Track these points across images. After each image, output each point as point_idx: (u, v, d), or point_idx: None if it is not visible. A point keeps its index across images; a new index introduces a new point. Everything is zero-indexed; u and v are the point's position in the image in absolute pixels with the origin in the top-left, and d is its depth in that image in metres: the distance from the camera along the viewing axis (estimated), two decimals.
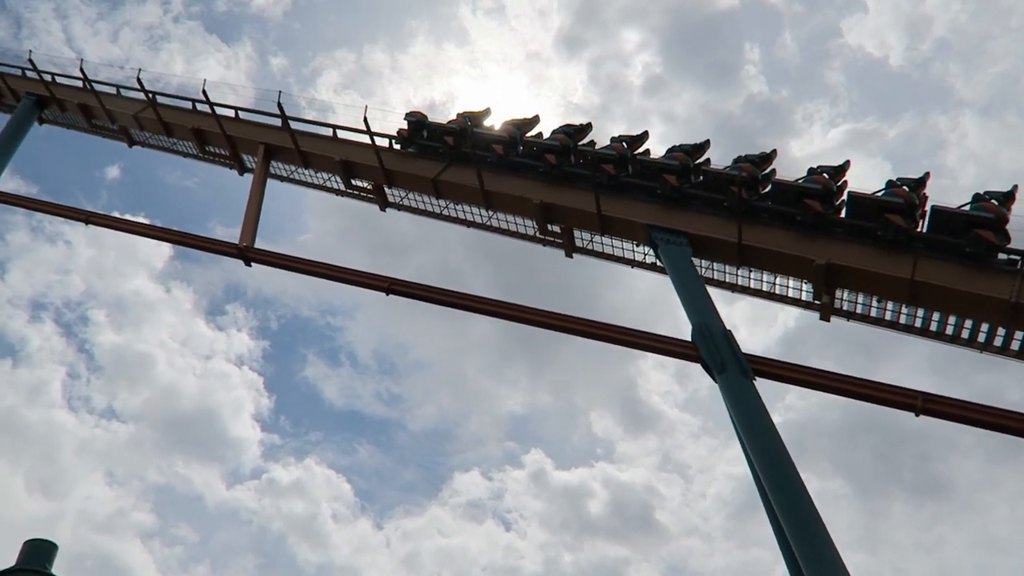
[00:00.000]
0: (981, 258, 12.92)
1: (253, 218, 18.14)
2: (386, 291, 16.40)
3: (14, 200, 20.74)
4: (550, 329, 15.24)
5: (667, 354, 14.15)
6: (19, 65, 22.49)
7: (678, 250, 14.61)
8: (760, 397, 12.45)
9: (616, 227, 15.89)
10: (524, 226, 17.44)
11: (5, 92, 22.99)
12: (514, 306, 15.39)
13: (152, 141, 22.10)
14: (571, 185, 16.69)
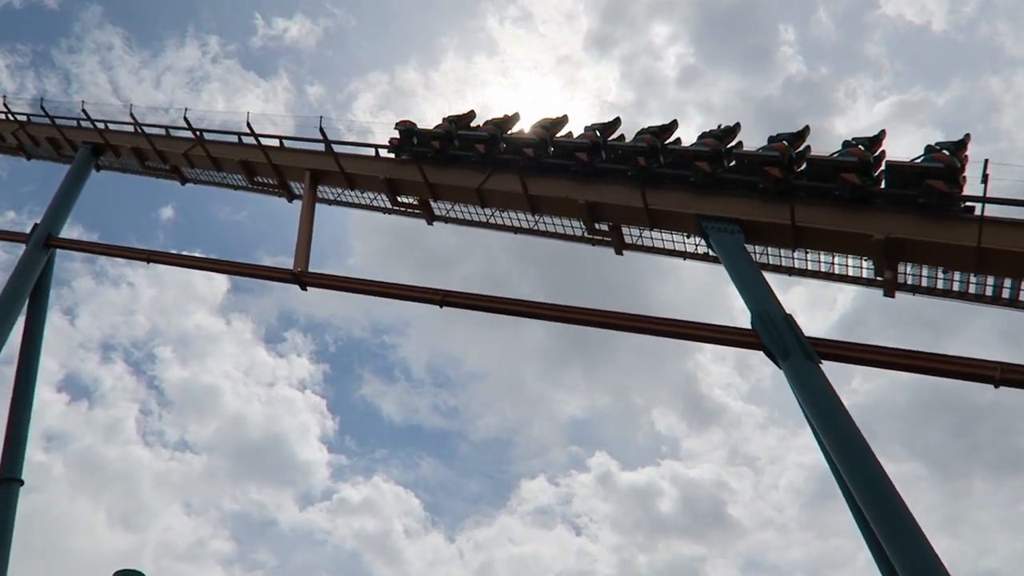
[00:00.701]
0: (934, 208, 13.21)
1: (305, 243, 18.49)
2: (440, 303, 16.54)
3: (81, 246, 21.60)
4: (606, 328, 15.17)
5: (727, 344, 13.95)
6: (73, 116, 23.42)
7: (730, 238, 14.35)
8: (828, 381, 12.14)
9: (665, 220, 15.71)
10: (571, 227, 17.40)
11: (63, 143, 23.92)
12: (567, 308, 15.36)
13: (203, 177, 22.73)
14: (614, 182, 16.59)
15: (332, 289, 18.15)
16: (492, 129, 18.35)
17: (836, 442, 11.48)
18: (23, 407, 20.51)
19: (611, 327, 15.05)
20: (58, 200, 21.72)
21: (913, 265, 13.73)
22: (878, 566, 12.00)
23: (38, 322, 21.37)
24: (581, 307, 15.23)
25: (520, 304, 15.96)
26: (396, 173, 18.80)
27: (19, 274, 19.94)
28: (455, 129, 18.71)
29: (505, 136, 18.31)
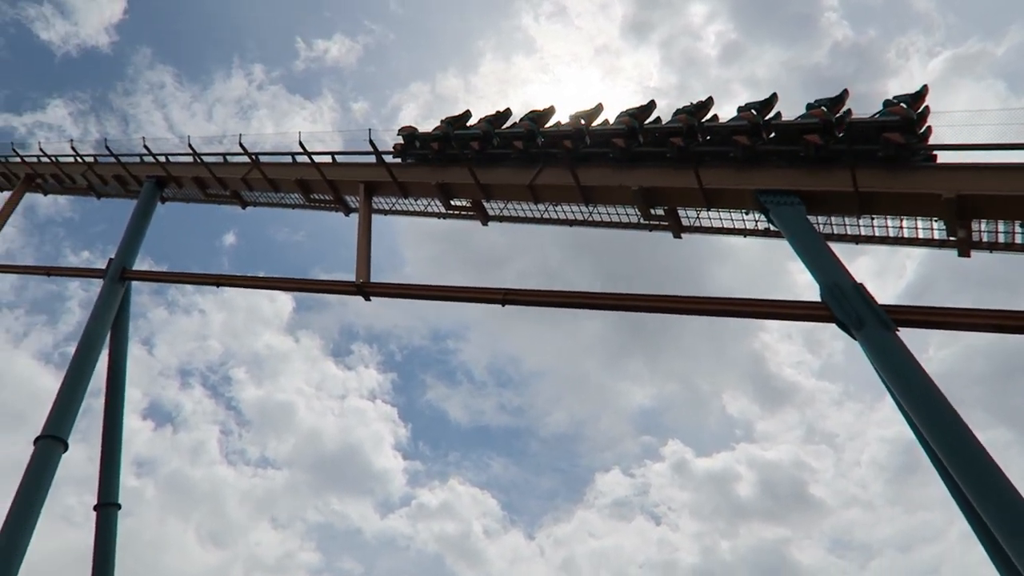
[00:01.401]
0: (893, 159, 13.64)
1: (365, 255, 18.80)
2: (502, 302, 16.61)
3: (154, 276, 22.46)
4: (670, 312, 15.01)
5: (797, 319, 13.66)
6: (136, 153, 24.29)
7: (791, 210, 14.01)
8: (907, 348, 11.74)
9: (722, 199, 15.43)
10: (626, 215, 17.26)
11: (128, 179, 24.89)
12: (628, 296, 15.24)
13: (262, 199, 23.35)
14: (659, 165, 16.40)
15: (394, 297, 18.41)
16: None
17: (922, 411, 11.08)
18: (114, 436, 21.47)
19: (675, 311, 14.89)
20: (129, 234, 22.60)
21: (988, 222, 13.18)
22: (978, 537, 11.58)
23: (121, 353, 22.31)
24: (642, 294, 15.09)
25: (580, 296, 15.92)
26: (447, 177, 18.95)
27: (99, 308, 20.80)
28: (452, 130, 19.43)
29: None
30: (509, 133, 18.62)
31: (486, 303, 17.07)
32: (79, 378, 19.13)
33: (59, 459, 17.74)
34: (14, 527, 16.09)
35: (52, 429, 17.84)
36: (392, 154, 20.57)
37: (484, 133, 18.45)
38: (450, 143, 19.26)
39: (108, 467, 20.98)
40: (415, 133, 20.24)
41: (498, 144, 18.81)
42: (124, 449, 21.65)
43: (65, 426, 18.10)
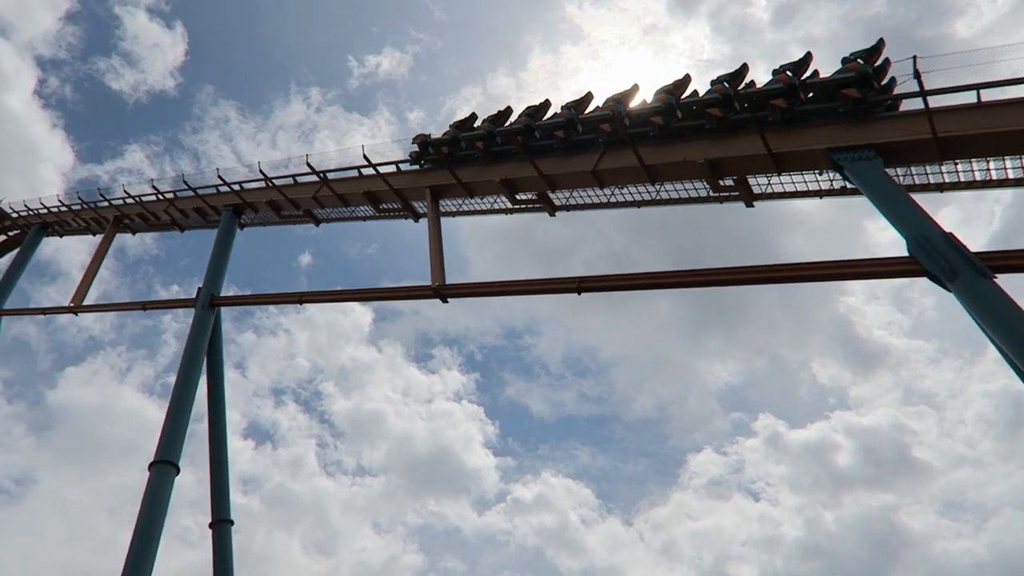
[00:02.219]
0: (853, 113, 14.19)
1: (438, 258, 19.07)
2: (577, 291, 16.60)
3: (241, 300, 23.29)
4: (750, 283, 14.69)
5: (885, 276, 13.18)
6: (212, 184, 25.28)
7: (868, 165, 13.52)
8: (1007, 295, 11.17)
9: (791, 162, 15.03)
10: (695, 190, 17.00)
11: (207, 210, 25.93)
12: (704, 271, 15.01)
13: (334, 215, 23.97)
14: (734, 135, 16.06)
15: (470, 296, 18.64)
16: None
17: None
18: (221, 456, 22.46)
19: (755, 282, 14.56)
20: (213, 262, 23.56)
21: None
22: None
23: (218, 377, 23.30)
24: (719, 267, 14.84)
25: (655, 276, 15.75)
26: (511, 172, 19.03)
27: (194, 335, 21.74)
28: (459, 134, 20.49)
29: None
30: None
31: (561, 293, 17.09)
32: (182, 404, 20.04)
33: (173, 482, 18.63)
34: (140, 549, 16.99)
35: (164, 454, 18.75)
36: (409, 161, 21.46)
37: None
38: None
39: (218, 486, 21.98)
40: (428, 139, 21.23)
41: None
42: (230, 468, 22.70)
43: (175, 451, 18.99)
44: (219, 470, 22.23)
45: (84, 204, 29.58)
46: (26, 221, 32.48)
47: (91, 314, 29.92)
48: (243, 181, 24.73)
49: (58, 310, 27.40)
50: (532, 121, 19.10)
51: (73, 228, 31.35)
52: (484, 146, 19.74)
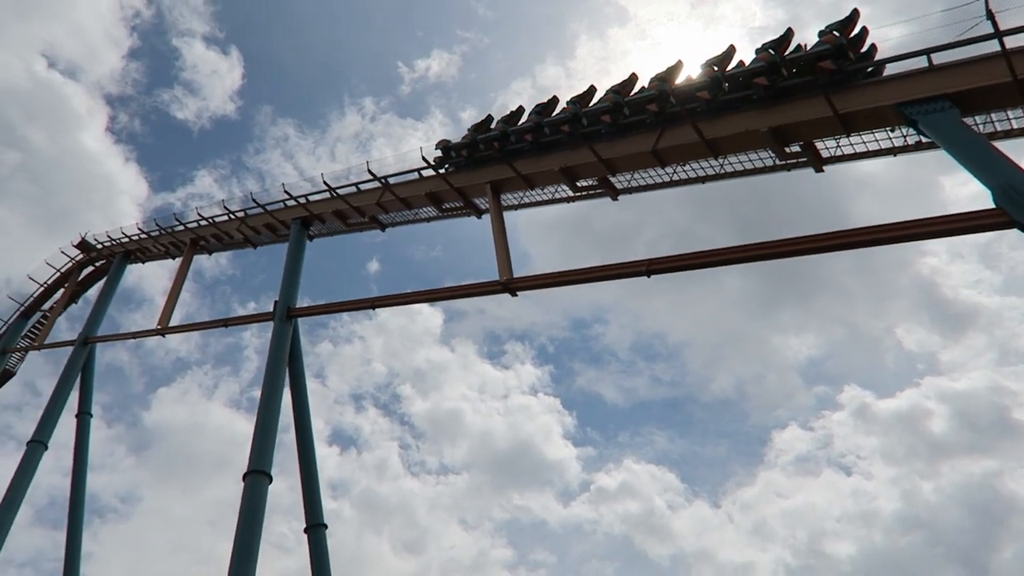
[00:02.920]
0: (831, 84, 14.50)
1: (504, 252, 19.11)
2: (646, 273, 16.40)
3: (316, 310, 23.82)
4: (827, 251, 14.24)
5: (972, 231, 12.52)
6: (279, 199, 25.93)
7: (943, 116, 12.89)
8: None
9: (860, 121, 14.47)
10: (760, 160, 16.56)
11: (277, 225, 26.65)
12: (776, 243, 14.62)
13: (398, 219, 24.30)
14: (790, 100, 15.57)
15: (539, 288, 18.57)
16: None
17: None
18: (310, 462, 23.10)
19: (831, 249, 14.11)
20: (287, 275, 24.19)
21: None
22: None
23: (300, 386, 23.95)
24: (792, 237, 14.43)
25: (725, 252, 15.41)
26: (570, 160, 18.91)
27: (275, 347, 22.37)
28: (476, 136, 21.00)
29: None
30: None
31: (630, 277, 16.91)
32: (270, 415, 20.64)
33: (267, 490, 19.22)
34: (241, 557, 17.59)
35: (256, 464, 19.35)
36: (434, 166, 21.80)
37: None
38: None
39: (309, 492, 22.61)
40: (450, 144, 21.88)
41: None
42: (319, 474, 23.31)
43: (267, 460, 19.58)
44: (309, 476, 22.87)
45: (162, 230, 30.80)
46: (110, 251, 34.02)
47: (177, 336, 31.22)
48: (309, 194, 25.31)
49: (147, 333, 28.60)
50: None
51: (154, 254, 32.68)
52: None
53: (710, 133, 16.28)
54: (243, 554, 17.68)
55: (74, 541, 28.29)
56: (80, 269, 35.62)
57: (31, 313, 35.85)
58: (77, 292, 36.01)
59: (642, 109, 17.71)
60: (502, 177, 20.25)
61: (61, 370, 29.64)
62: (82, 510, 29.01)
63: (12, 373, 35.72)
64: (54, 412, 28.16)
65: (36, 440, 27.08)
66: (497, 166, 20.57)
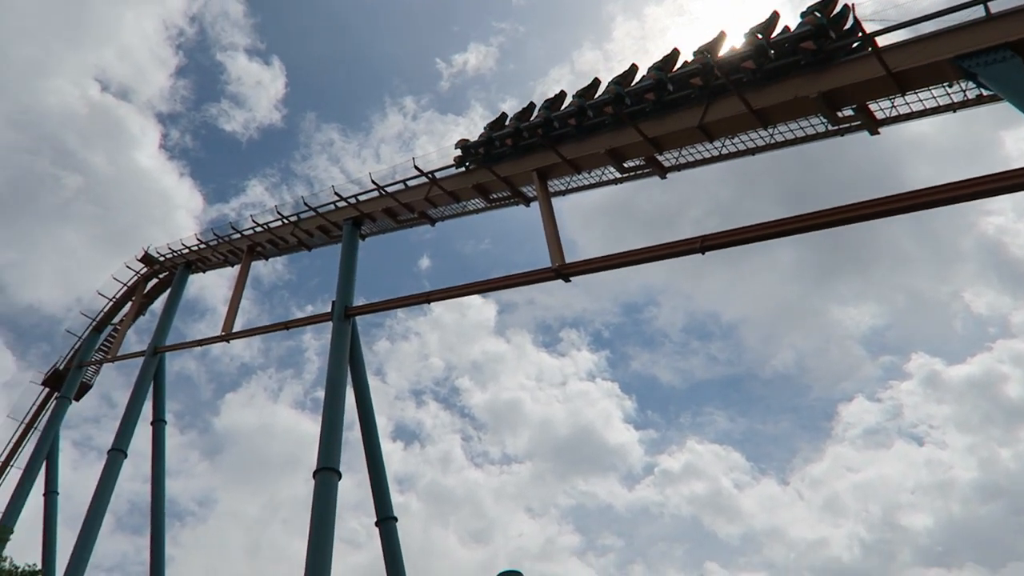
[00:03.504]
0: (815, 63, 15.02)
1: (554, 239, 19.05)
2: (700, 250, 16.18)
3: (372, 308, 24.15)
4: (884, 216, 13.85)
5: None
6: (330, 201, 26.34)
7: (1005, 66, 12.33)
8: None
9: (915, 79, 13.95)
10: (811, 127, 16.13)
11: (329, 226, 27.07)
12: (834, 210, 14.26)
13: (447, 213, 24.44)
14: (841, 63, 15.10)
15: (593, 272, 18.46)
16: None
17: None
18: (376, 457, 23.49)
19: (889, 213, 13.72)
20: (342, 275, 24.57)
21: None
22: None
23: (362, 382, 24.35)
24: (846, 205, 14.06)
25: (778, 224, 15.10)
26: (615, 141, 18.72)
27: (335, 346, 22.77)
28: (492, 134, 21.68)
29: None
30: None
31: (684, 255, 16.68)
32: (335, 412, 21.05)
33: (336, 487, 19.62)
34: (316, 552, 18.01)
35: (325, 462, 19.77)
36: (454, 165, 22.51)
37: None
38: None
39: (378, 486, 23.01)
40: (468, 143, 22.54)
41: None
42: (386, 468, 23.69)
43: (335, 457, 19.98)
44: (376, 471, 23.26)
45: (220, 239, 31.60)
46: (172, 262, 35.06)
47: (240, 343, 32.00)
48: (358, 194, 25.64)
49: (212, 340, 29.41)
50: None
51: (213, 262, 33.56)
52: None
53: (758, 103, 15.93)
54: (318, 549, 18.11)
55: (158, 544, 29.39)
56: (145, 282, 36.82)
57: (102, 327, 37.21)
58: (144, 304, 37.24)
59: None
60: (548, 164, 20.16)
61: (134, 380, 30.74)
62: (163, 514, 30.11)
63: (89, 385, 37.18)
64: (130, 421, 29.20)
65: (116, 448, 28.12)
66: (542, 153, 20.48)
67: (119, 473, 27.84)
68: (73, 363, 35.95)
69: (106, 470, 27.47)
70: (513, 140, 21.07)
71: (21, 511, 30.87)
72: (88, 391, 37.32)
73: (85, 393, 37.19)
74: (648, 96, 18.05)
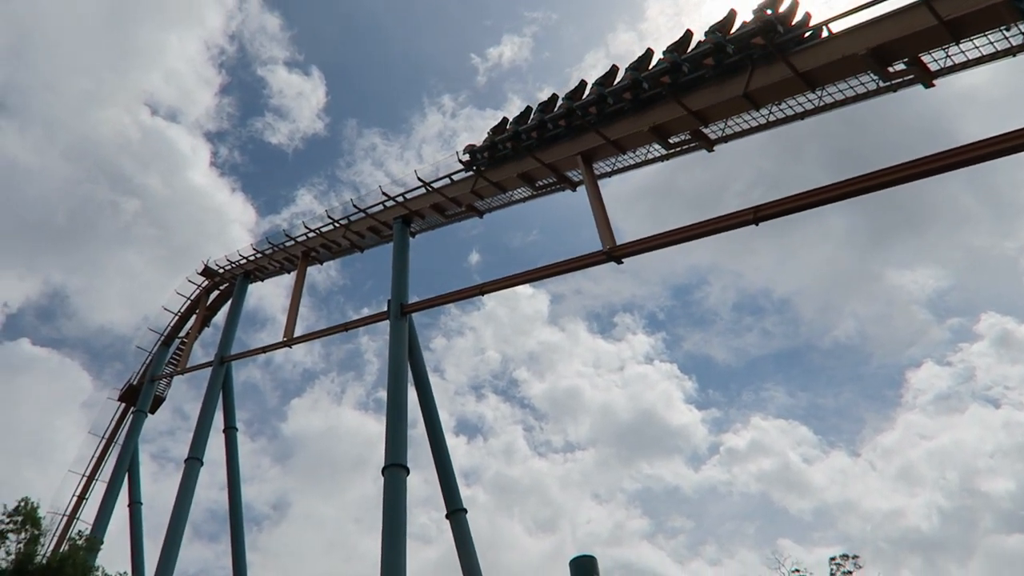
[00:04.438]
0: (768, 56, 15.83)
1: (604, 220, 18.89)
2: (754, 221, 15.91)
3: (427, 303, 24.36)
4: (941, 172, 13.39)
5: None
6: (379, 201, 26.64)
7: None
8: None
9: (969, 25, 13.39)
10: (861, 85, 15.63)
11: (379, 227, 27.40)
12: (886, 171, 13.88)
13: (495, 203, 24.47)
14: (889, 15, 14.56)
15: (645, 251, 18.22)
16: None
17: None
18: (442, 451, 23.78)
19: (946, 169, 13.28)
20: (396, 273, 24.86)
21: None
22: None
23: (423, 377, 24.65)
24: (901, 163, 13.66)
25: (831, 189, 14.74)
26: (659, 117, 18.46)
27: (394, 344, 23.04)
28: (496, 138, 22.39)
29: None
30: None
31: (738, 228, 16.39)
32: (398, 409, 21.30)
33: (406, 481, 19.87)
34: (391, 547, 18.27)
35: (393, 458, 20.05)
36: (463, 168, 23.27)
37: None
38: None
39: (445, 479, 23.28)
40: (475, 148, 23.35)
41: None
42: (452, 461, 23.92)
43: (402, 453, 20.23)
44: (443, 464, 23.53)
45: (275, 247, 32.27)
46: (231, 273, 35.98)
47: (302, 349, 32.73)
48: (405, 192, 25.89)
49: (275, 346, 30.10)
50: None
51: (270, 270, 34.32)
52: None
53: (803, 65, 15.52)
54: (391, 543, 18.36)
55: (238, 548, 30.30)
56: (207, 294, 37.88)
57: (170, 341, 38.45)
58: (208, 316, 38.33)
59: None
60: (592, 146, 20.01)
61: (204, 390, 31.71)
62: (241, 518, 31.05)
63: (162, 398, 38.48)
64: (203, 429, 30.11)
65: (192, 457, 29.03)
66: (586, 136, 20.33)
67: (197, 480, 28.75)
68: (145, 378, 37.23)
69: (185, 478, 28.37)
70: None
71: (109, 522, 32.20)
72: (161, 404, 38.63)
73: (159, 406, 38.49)
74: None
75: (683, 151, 19.30)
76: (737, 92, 16.72)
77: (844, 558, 23.41)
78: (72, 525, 32.77)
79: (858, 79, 15.47)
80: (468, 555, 22.06)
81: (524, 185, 22.86)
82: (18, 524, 18.90)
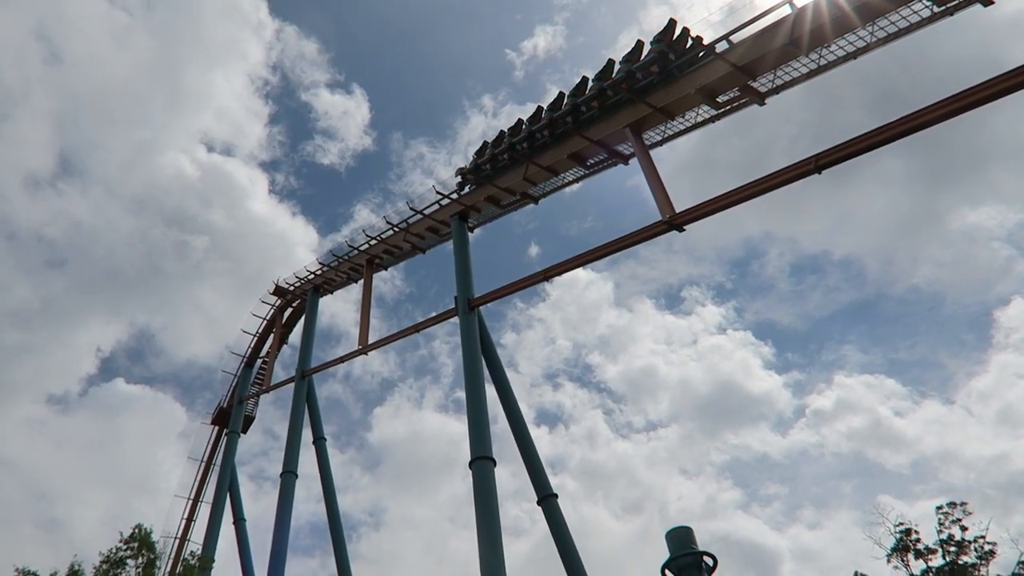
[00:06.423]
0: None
1: (661, 190, 18.61)
2: (816, 170, 15.48)
3: (494, 295, 24.39)
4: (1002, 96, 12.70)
5: None
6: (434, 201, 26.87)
7: None
8: None
9: None
10: (915, 14, 14.97)
11: (437, 226, 27.64)
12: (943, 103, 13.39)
13: (548, 188, 24.39)
14: None
15: (706, 215, 17.82)
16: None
17: None
18: (526, 440, 23.86)
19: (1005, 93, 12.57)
20: (459, 269, 25.02)
21: None
22: None
23: (498, 369, 24.75)
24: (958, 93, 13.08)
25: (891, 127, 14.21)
26: (706, 77, 18.06)
27: (466, 339, 23.19)
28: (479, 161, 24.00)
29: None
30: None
31: (801, 179, 15.96)
32: (478, 402, 21.43)
33: (494, 473, 20.00)
34: (487, 539, 18.39)
35: (478, 452, 20.19)
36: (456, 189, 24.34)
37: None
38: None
39: (532, 467, 23.34)
40: (466, 168, 25.24)
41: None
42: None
43: (486, 445, 20.36)
44: (528, 452, 23.61)
45: (340, 259, 32.93)
46: (302, 289, 36.88)
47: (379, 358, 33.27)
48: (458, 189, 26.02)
49: (352, 355, 30.66)
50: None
51: (338, 282, 35.03)
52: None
53: None
54: (487, 534, 18.46)
55: (341, 557, 31.04)
56: (281, 313, 38.93)
57: (252, 362, 39.69)
58: (284, 333, 39.40)
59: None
60: (639, 116, 19.73)
61: (290, 406, 32.58)
62: (340, 526, 31.79)
63: (252, 418, 39.76)
64: (294, 443, 30.93)
65: (288, 471, 29.89)
66: (631, 108, 20.06)
67: (294, 493, 29.57)
68: (234, 399, 38.53)
69: (282, 491, 29.21)
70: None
71: (217, 541, 33.48)
72: (252, 423, 39.89)
73: (250, 426, 39.77)
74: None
75: (734, 109, 18.85)
76: (785, 40, 16.22)
77: (952, 506, 22.62)
78: (184, 547, 34.17)
79: (910, 7, 14.83)
80: (563, 539, 22.09)
81: (576, 166, 22.70)
82: (135, 550, 19.84)
